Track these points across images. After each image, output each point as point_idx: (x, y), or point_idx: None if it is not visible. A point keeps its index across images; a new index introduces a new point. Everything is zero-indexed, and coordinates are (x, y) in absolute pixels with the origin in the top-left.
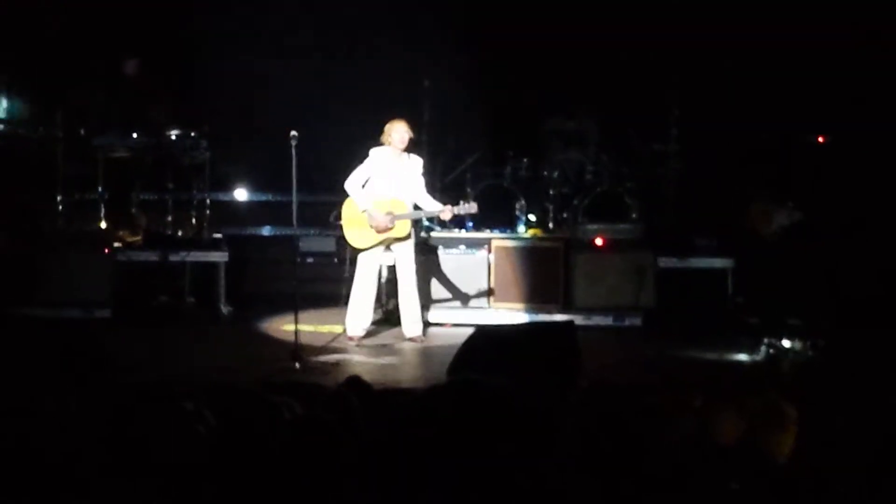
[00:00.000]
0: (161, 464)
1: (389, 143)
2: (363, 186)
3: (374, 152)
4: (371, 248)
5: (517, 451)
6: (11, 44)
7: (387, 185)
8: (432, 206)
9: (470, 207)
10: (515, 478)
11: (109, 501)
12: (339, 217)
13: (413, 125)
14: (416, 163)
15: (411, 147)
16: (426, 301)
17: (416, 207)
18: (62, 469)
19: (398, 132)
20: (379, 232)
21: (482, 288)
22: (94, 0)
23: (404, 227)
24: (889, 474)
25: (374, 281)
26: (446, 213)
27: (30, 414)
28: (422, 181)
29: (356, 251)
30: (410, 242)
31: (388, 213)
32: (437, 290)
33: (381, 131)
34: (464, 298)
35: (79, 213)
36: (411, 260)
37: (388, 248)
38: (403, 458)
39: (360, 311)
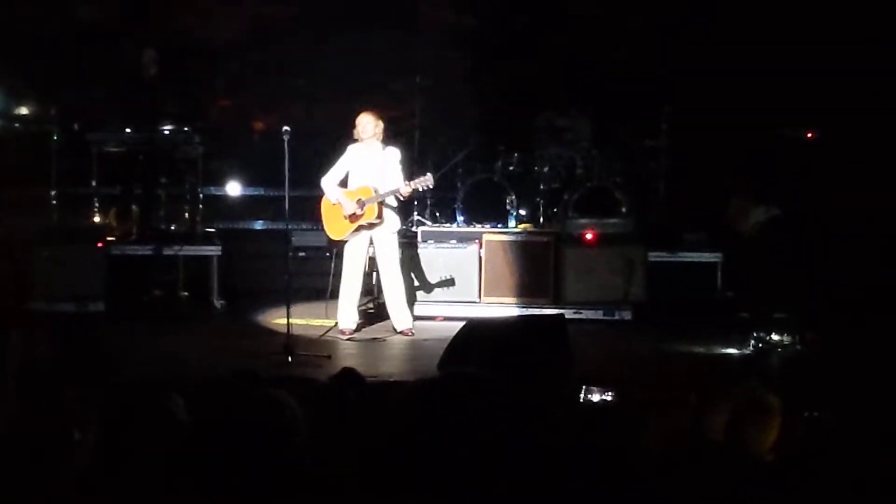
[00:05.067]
0: (151, 460)
1: (358, 137)
2: (346, 183)
3: (349, 148)
4: (348, 236)
5: (508, 445)
6: (5, 39)
7: (363, 178)
8: (392, 185)
9: (426, 180)
10: (506, 471)
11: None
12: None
13: (407, 117)
14: (393, 154)
15: (391, 139)
16: (417, 295)
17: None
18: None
19: (361, 124)
20: (352, 220)
21: (473, 282)
22: None
23: (373, 211)
24: (877, 467)
25: (359, 274)
26: (404, 188)
27: (26, 410)
28: (399, 172)
29: (336, 243)
30: (391, 235)
31: (358, 200)
32: (427, 284)
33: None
34: (454, 292)
35: (72, 207)
36: (393, 253)
37: (372, 242)
38: (396, 451)
39: (349, 305)
